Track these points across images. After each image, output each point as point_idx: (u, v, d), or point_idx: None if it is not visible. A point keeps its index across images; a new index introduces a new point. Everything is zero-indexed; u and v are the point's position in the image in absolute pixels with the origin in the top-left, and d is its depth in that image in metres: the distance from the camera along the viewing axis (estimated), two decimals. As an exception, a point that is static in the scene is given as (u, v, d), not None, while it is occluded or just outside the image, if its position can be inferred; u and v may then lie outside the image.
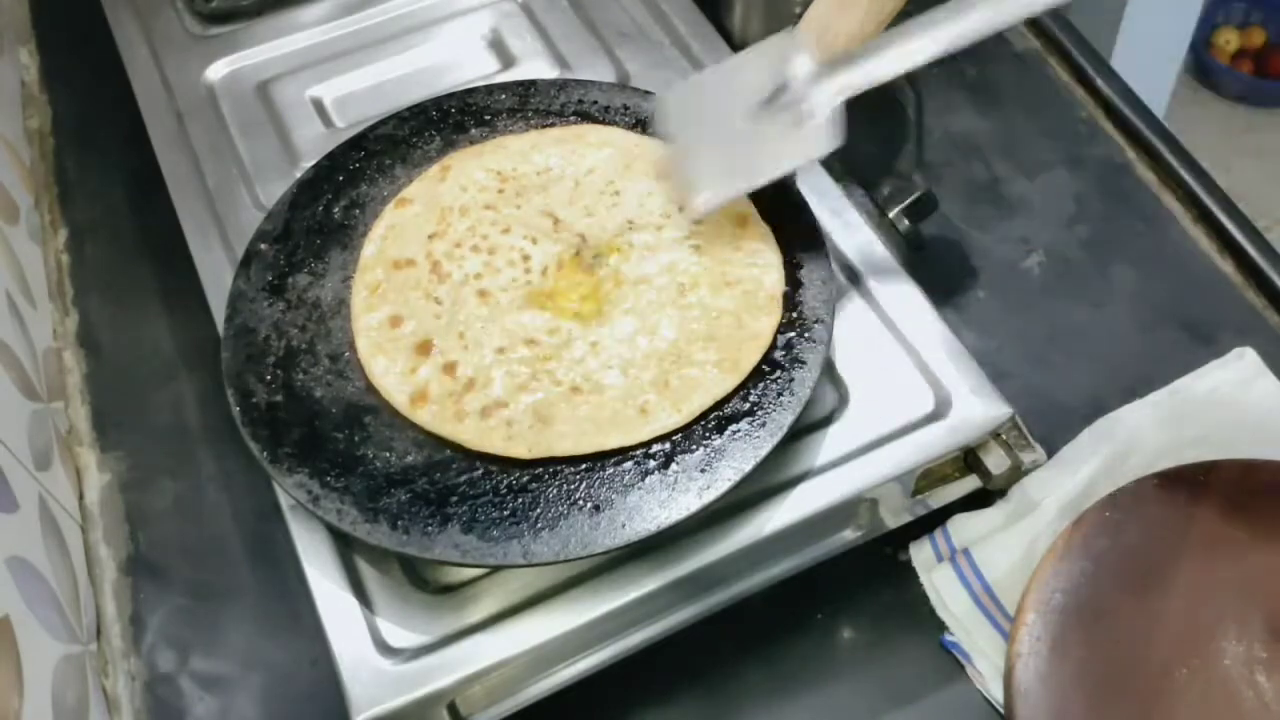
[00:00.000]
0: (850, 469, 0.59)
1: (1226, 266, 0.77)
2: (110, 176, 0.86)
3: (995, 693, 0.60)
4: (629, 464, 0.55)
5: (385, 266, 0.63)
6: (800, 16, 0.70)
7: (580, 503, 0.54)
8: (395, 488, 0.55)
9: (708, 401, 0.57)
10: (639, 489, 0.55)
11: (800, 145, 0.59)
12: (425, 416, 0.57)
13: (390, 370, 0.59)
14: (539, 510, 0.54)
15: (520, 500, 0.55)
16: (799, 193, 0.64)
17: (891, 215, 0.72)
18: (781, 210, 0.64)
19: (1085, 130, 0.84)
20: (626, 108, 0.69)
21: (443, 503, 0.55)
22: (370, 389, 0.59)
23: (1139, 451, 0.65)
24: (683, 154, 0.63)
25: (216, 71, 0.80)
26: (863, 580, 0.65)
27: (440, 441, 0.57)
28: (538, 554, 0.53)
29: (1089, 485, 0.64)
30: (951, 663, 0.62)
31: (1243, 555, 0.60)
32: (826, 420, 0.61)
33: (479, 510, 0.54)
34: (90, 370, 0.77)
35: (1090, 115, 0.85)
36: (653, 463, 0.55)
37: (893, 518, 0.63)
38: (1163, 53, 1.61)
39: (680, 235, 0.63)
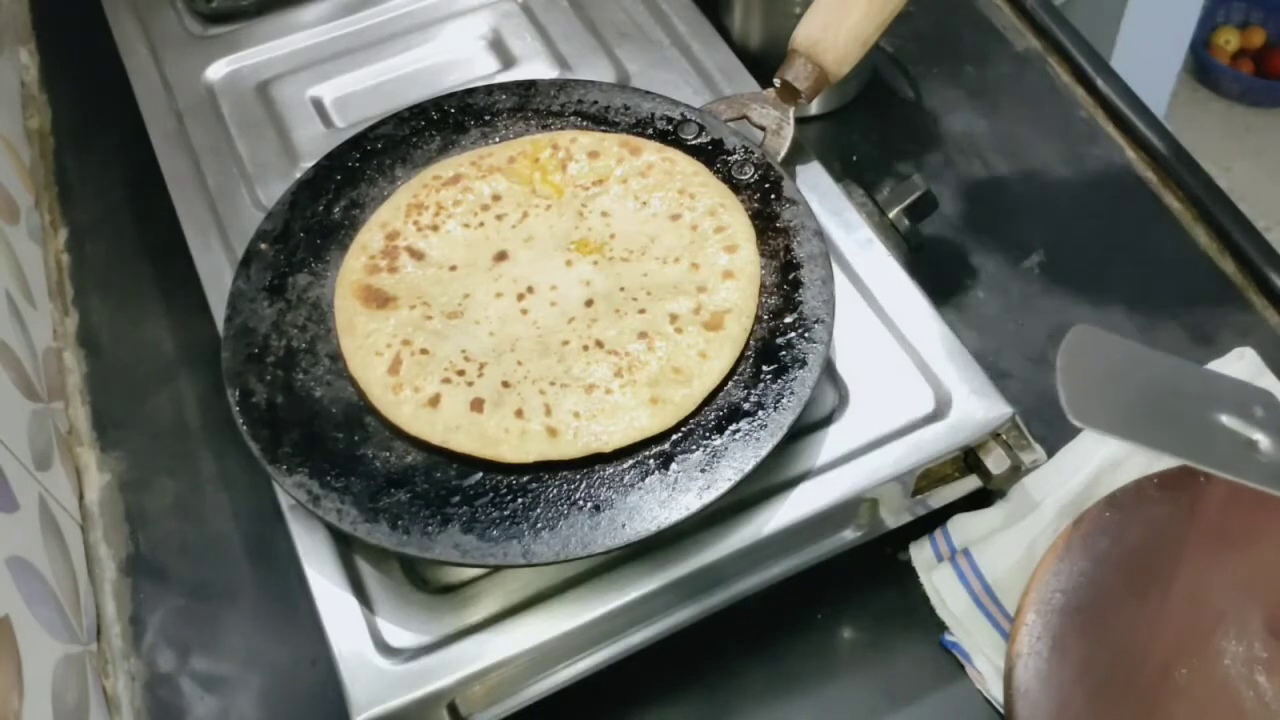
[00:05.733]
0: (850, 469, 0.59)
1: (1227, 266, 0.77)
2: (110, 176, 0.86)
3: (995, 693, 0.60)
4: (629, 464, 0.55)
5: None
6: (800, 17, 0.70)
7: (580, 503, 0.54)
8: (395, 488, 0.55)
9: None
10: (639, 489, 0.55)
11: None
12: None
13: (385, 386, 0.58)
14: (539, 510, 0.54)
15: (520, 500, 0.55)
16: (798, 191, 0.64)
17: (891, 215, 0.72)
18: (780, 210, 0.64)
19: (1085, 130, 0.84)
20: (626, 108, 0.69)
21: (443, 503, 0.55)
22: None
23: (1139, 451, 0.65)
24: None
25: (216, 71, 0.80)
26: (863, 580, 0.65)
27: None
28: (538, 554, 0.53)
29: (1089, 485, 0.64)
30: (951, 663, 0.62)
31: (1243, 555, 0.60)
32: (826, 420, 0.61)
33: (479, 510, 0.54)
34: (90, 370, 0.77)
35: (1090, 115, 0.85)
36: (653, 463, 0.55)
37: (893, 518, 0.63)
38: (1163, 53, 1.62)
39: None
